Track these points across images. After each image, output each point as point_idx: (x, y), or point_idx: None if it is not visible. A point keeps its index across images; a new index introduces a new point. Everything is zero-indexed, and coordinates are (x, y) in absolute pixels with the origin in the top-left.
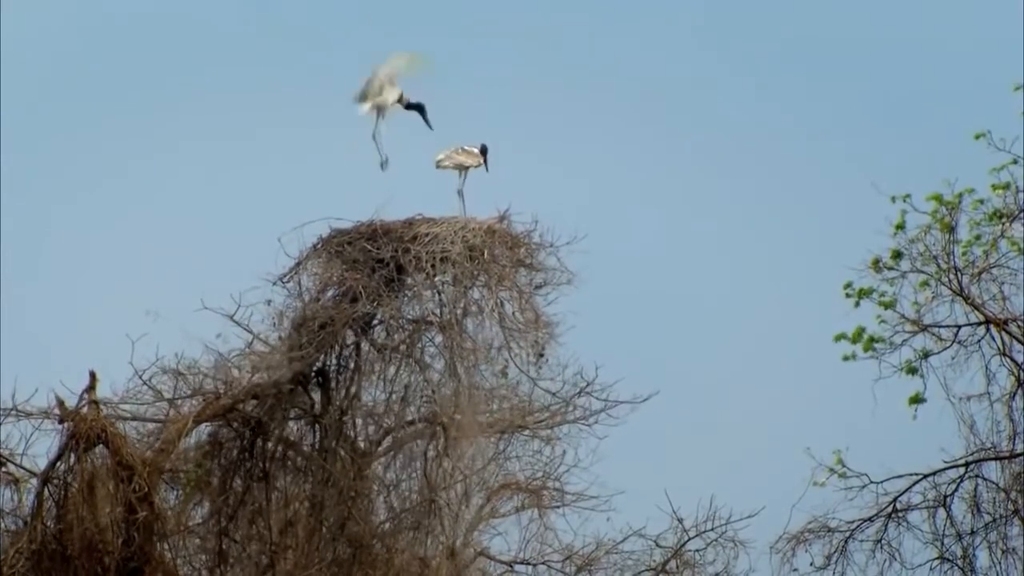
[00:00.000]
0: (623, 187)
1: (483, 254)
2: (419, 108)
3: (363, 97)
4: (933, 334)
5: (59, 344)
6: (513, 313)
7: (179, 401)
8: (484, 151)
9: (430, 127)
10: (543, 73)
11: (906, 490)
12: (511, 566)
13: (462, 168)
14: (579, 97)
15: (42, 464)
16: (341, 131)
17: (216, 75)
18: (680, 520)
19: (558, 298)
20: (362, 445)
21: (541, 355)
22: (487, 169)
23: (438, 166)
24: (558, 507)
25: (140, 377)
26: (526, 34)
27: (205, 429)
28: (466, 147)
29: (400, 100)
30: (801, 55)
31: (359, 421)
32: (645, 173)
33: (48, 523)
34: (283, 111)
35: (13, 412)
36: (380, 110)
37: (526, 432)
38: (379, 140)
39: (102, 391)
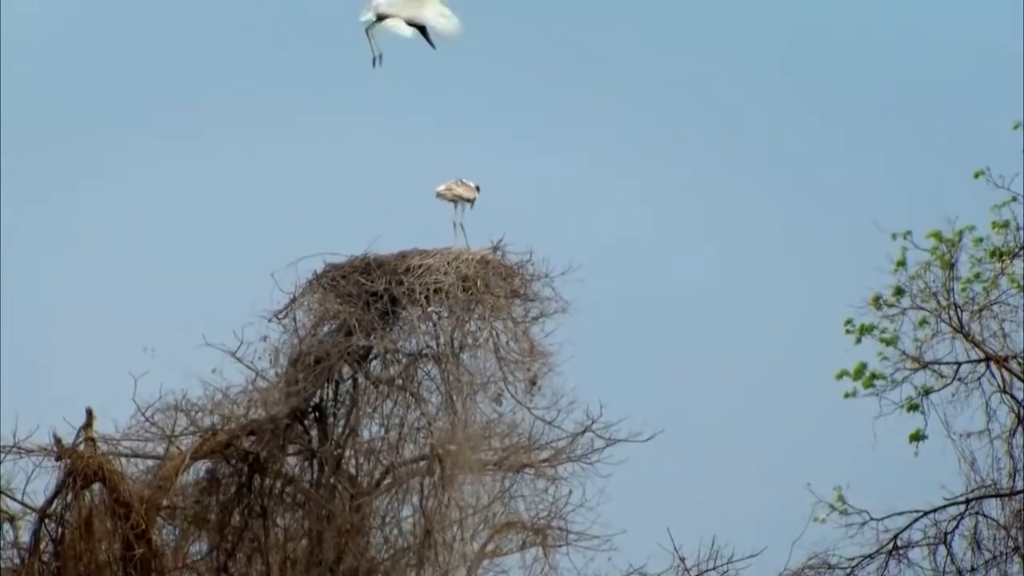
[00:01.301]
0: (624, 220)
1: (477, 285)
2: (422, 29)
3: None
4: (934, 371)
5: (59, 381)
6: (508, 343)
7: (177, 437)
8: (477, 189)
9: (432, 46)
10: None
11: (907, 527)
12: None
13: (460, 200)
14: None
15: (41, 500)
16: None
17: (212, 112)
18: (682, 559)
19: (555, 329)
20: (361, 481)
21: (534, 383)
22: (471, 207)
23: (438, 197)
24: (561, 546)
25: (141, 413)
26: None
27: (203, 466)
28: (464, 180)
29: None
30: (803, 92)
31: (360, 457)
32: (646, 205)
33: (46, 559)
34: (278, 147)
35: (13, 449)
36: (382, 16)
37: (530, 470)
38: (373, 38)
39: (103, 427)
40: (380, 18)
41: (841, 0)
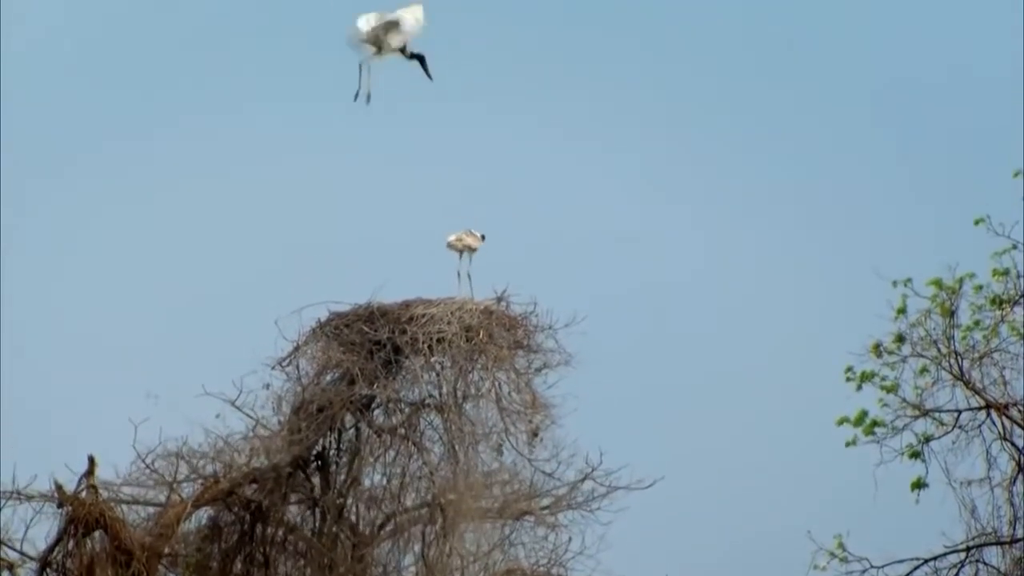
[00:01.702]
0: (625, 269)
1: (480, 335)
2: (420, 58)
3: (371, 26)
4: (934, 418)
5: (60, 428)
6: (510, 394)
7: (179, 485)
8: (483, 238)
9: (430, 77)
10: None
11: (907, 575)
12: None
13: (469, 250)
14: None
15: (40, 548)
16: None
17: (213, 160)
18: None
19: (558, 381)
20: (363, 529)
21: (535, 434)
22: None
23: (449, 247)
24: None
25: (142, 461)
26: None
27: (205, 513)
28: (472, 230)
29: (403, 49)
30: (803, 141)
31: (359, 505)
32: (648, 254)
33: None
34: (281, 194)
35: (14, 496)
36: (379, 46)
37: (530, 518)
38: (365, 71)
39: (104, 474)
40: (377, 49)
41: (840, 48)
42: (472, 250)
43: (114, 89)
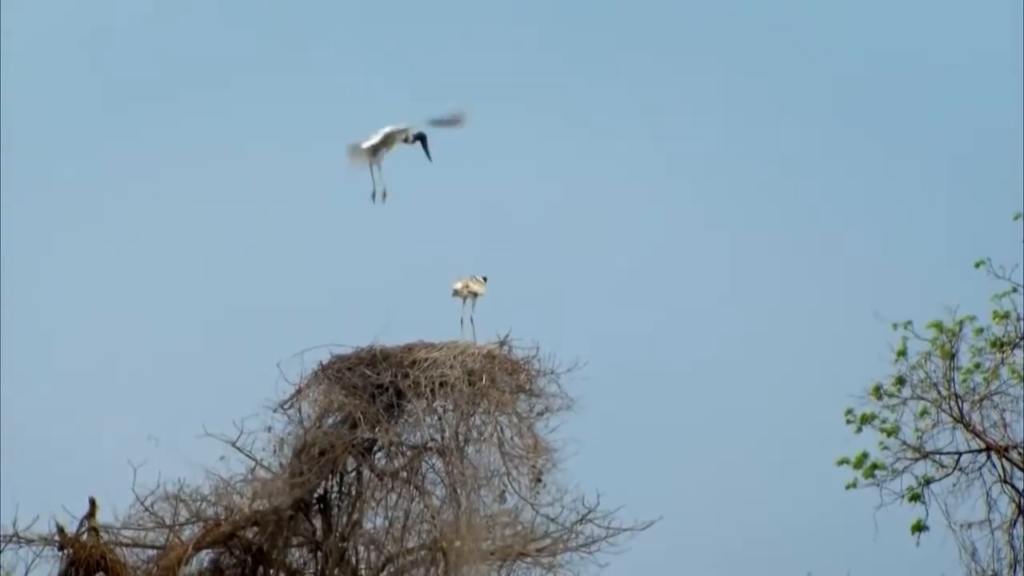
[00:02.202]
0: (624, 313)
1: (482, 379)
2: (422, 138)
3: (370, 144)
4: (935, 461)
5: (61, 470)
6: (512, 438)
7: (180, 527)
8: (485, 280)
9: (429, 158)
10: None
11: None
12: None
13: (475, 296)
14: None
15: None
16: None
17: (215, 200)
18: None
19: (560, 425)
20: (364, 573)
21: (539, 480)
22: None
23: (455, 294)
24: None
25: (142, 503)
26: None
27: (206, 556)
28: (477, 276)
29: (406, 139)
30: (802, 184)
31: (361, 548)
32: (645, 297)
33: None
34: (282, 236)
35: (15, 539)
36: (384, 149)
37: (528, 559)
38: (376, 174)
39: (104, 517)
40: (376, 149)
41: (841, 89)
42: (477, 296)
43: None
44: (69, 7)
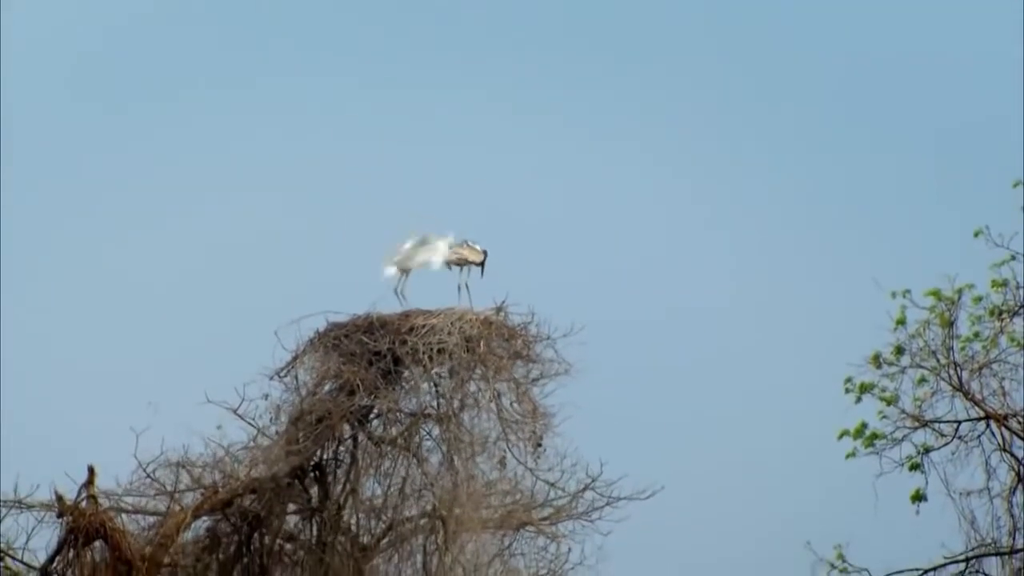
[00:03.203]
0: (623, 280)
1: (480, 345)
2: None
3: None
4: (934, 429)
5: (62, 437)
6: (511, 404)
7: (180, 494)
8: (485, 254)
9: (480, 274)
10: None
11: None
12: None
13: (466, 263)
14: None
15: (42, 558)
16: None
17: (215, 171)
18: None
19: (556, 389)
20: (364, 540)
21: (539, 445)
22: (482, 274)
23: (447, 264)
24: None
25: (143, 469)
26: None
27: (204, 523)
28: (470, 243)
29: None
30: (801, 154)
31: (361, 516)
32: (646, 267)
33: None
34: (281, 205)
35: (16, 505)
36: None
37: (531, 529)
38: (401, 295)
39: (105, 484)
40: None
41: (840, 62)
42: (471, 263)
43: (113, 102)
44: (69, 7)
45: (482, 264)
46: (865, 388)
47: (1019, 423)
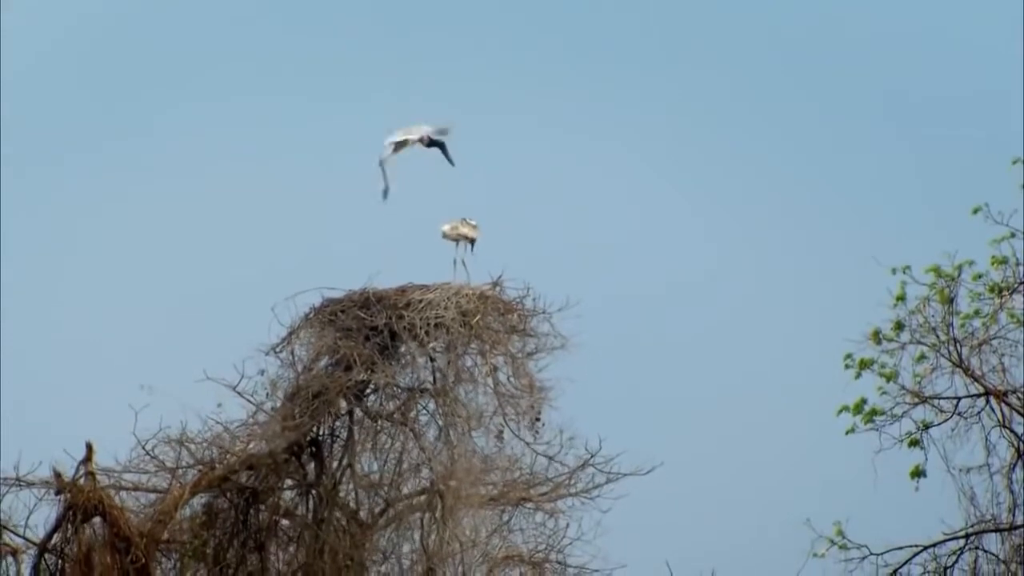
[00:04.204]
0: (621, 253)
1: (476, 320)
2: (440, 145)
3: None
4: (933, 406)
5: (62, 415)
6: (508, 378)
7: (180, 471)
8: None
9: (451, 163)
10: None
11: (906, 562)
12: None
13: (464, 239)
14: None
15: (42, 533)
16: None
17: (211, 147)
18: None
19: (551, 363)
20: (361, 515)
21: (537, 419)
22: (472, 250)
23: (444, 236)
24: None
25: (143, 447)
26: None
27: (199, 500)
28: (468, 219)
29: (421, 140)
30: (800, 129)
31: (360, 492)
32: (646, 244)
33: None
34: (277, 181)
35: (15, 482)
36: (399, 148)
37: (529, 504)
38: (386, 169)
39: (104, 461)
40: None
41: (840, 40)
42: (467, 239)
43: (111, 87)
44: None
45: (474, 240)
46: (865, 364)
47: (1019, 399)
